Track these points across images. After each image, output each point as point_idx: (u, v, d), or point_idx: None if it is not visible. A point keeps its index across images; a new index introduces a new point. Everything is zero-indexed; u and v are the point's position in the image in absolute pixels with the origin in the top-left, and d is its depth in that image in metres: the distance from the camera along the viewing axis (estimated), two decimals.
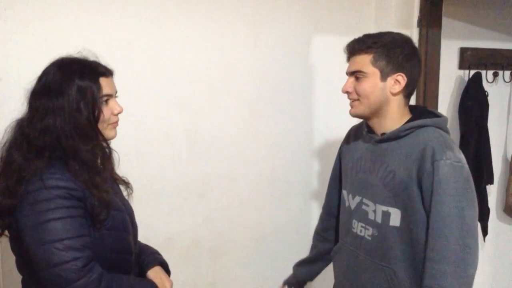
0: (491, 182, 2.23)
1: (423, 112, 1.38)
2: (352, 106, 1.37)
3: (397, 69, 1.30)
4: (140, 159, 1.85)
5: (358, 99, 1.34)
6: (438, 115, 1.36)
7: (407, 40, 1.34)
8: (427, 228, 1.23)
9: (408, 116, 1.36)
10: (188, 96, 1.90)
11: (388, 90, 1.31)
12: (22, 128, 1.16)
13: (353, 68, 1.34)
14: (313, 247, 1.70)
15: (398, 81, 1.31)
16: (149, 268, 1.32)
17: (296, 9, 2.00)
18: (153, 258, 1.36)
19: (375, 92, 1.31)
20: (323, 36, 2.03)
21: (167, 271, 1.37)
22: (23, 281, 1.23)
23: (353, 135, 1.53)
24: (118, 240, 1.21)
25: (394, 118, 1.34)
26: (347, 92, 1.37)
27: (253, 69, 1.97)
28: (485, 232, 2.26)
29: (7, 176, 1.13)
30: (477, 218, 1.25)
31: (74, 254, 1.07)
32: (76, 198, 1.11)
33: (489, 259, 2.39)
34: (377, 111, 1.34)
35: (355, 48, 1.33)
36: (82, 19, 1.71)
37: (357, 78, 1.33)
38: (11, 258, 1.24)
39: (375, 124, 1.38)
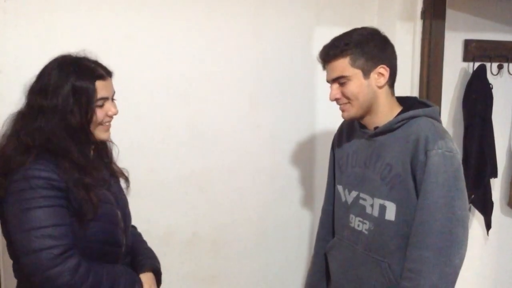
0: (495, 176, 2.21)
1: (413, 102, 1.38)
2: (344, 110, 1.37)
3: (377, 62, 1.30)
4: (142, 152, 1.84)
5: (348, 102, 1.34)
6: (429, 105, 1.35)
7: (375, 32, 1.34)
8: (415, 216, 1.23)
9: (398, 108, 1.36)
10: (189, 89, 1.89)
11: (373, 85, 1.32)
12: (16, 124, 1.19)
13: (334, 75, 1.33)
14: (319, 254, 1.63)
15: (381, 73, 1.31)
16: (142, 271, 1.33)
17: (297, 1, 1.98)
18: (150, 263, 1.37)
19: (363, 91, 1.32)
20: (325, 29, 2.01)
21: (159, 281, 1.38)
22: (14, 266, 1.25)
23: (345, 129, 1.53)
24: (102, 231, 1.23)
25: (385, 111, 1.34)
26: (336, 99, 1.36)
27: (255, 62, 1.96)
28: (488, 226, 2.25)
29: None
30: (467, 207, 1.24)
31: (51, 242, 1.10)
32: (57, 188, 1.14)
33: (493, 253, 2.37)
34: (369, 109, 1.34)
35: (329, 54, 1.33)
36: (83, 11, 1.70)
37: (341, 83, 1.33)
38: None
39: (367, 120, 1.38)
